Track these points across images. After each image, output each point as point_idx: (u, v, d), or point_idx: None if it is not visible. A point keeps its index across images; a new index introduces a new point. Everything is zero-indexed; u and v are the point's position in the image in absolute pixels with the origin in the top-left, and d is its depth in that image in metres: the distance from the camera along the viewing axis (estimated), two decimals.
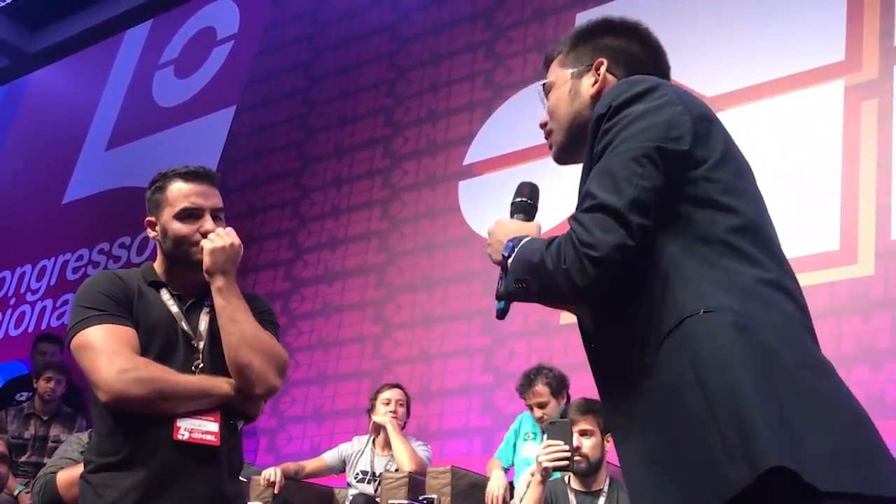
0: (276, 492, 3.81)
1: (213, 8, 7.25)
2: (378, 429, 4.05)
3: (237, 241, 1.87)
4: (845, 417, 1.10)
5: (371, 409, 4.13)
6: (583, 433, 2.97)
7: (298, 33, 6.54)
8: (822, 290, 3.64)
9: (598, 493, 2.97)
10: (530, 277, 1.26)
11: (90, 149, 7.43)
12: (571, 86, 1.44)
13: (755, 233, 1.24)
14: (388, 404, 4.06)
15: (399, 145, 5.54)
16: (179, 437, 1.75)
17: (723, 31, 4.40)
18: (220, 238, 1.85)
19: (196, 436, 1.76)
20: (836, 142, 3.93)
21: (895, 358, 3.48)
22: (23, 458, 4.86)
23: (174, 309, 1.88)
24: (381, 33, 6.02)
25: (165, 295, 1.90)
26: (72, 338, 1.82)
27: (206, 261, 1.83)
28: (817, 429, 1.06)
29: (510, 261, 1.31)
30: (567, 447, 2.78)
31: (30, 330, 6.82)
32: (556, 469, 2.81)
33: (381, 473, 3.86)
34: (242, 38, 6.90)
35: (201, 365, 1.84)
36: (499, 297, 1.39)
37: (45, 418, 4.96)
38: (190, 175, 1.94)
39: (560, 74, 1.47)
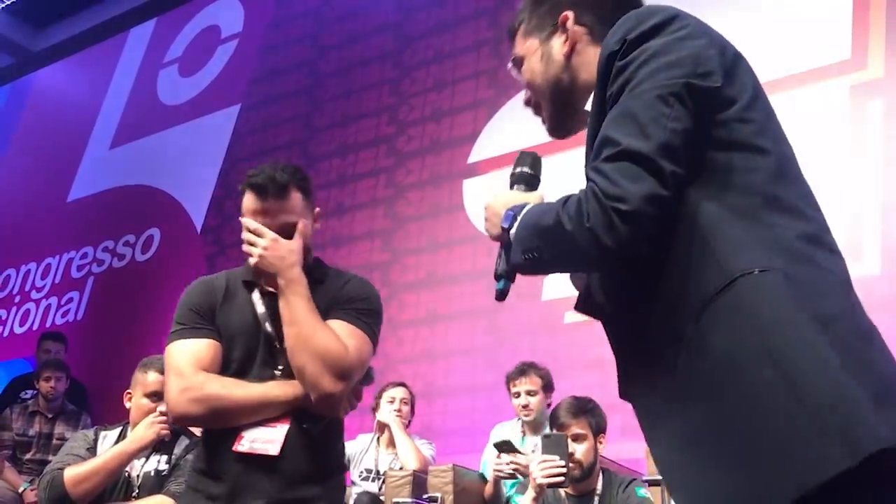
0: None
1: (218, 6, 7.26)
2: (382, 427, 4.05)
3: (267, 241, 1.79)
4: None
5: (375, 408, 4.13)
6: (575, 438, 2.88)
7: (303, 32, 6.54)
8: None
9: (591, 495, 2.92)
10: (542, 244, 1.10)
11: (95, 147, 7.45)
12: (542, 52, 1.29)
13: (792, 178, 1.11)
14: (392, 403, 4.06)
15: (403, 144, 5.53)
16: (239, 448, 1.75)
17: (727, 29, 4.37)
18: (255, 248, 1.79)
19: (257, 445, 1.75)
20: (841, 140, 3.92)
21: None
22: (27, 456, 4.87)
23: (261, 310, 1.84)
24: (385, 32, 6.02)
25: (256, 295, 1.86)
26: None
27: (256, 272, 1.83)
28: (886, 406, 0.95)
29: (513, 231, 1.16)
30: (563, 462, 2.70)
31: (34, 328, 6.84)
32: (550, 486, 2.75)
33: (385, 472, 3.86)
34: (247, 37, 6.91)
35: (282, 368, 1.80)
36: (498, 276, 1.24)
37: (50, 416, 4.97)
38: (256, 188, 1.83)
39: (527, 44, 1.32)
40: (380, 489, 3.87)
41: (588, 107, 1.24)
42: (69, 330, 6.28)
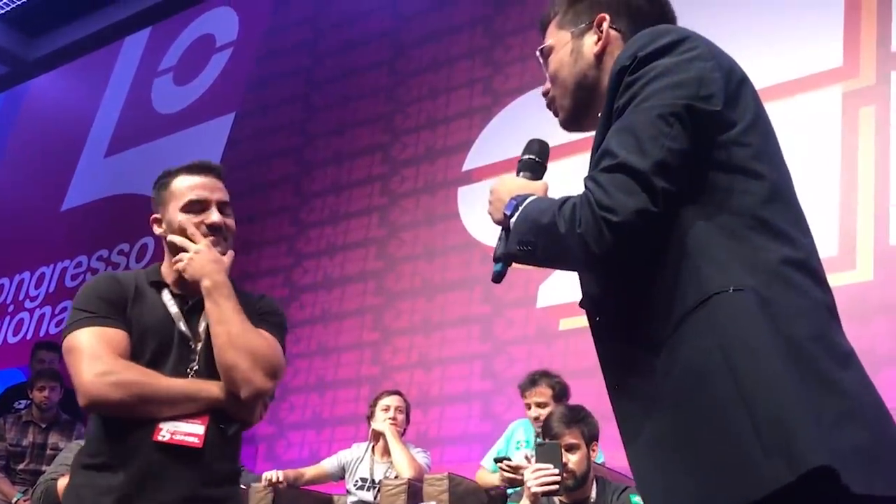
0: (281, 483, 3.83)
1: (213, 15, 7.27)
2: (377, 436, 4.04)
3: (202, 245, 1.82)
4: (870, 413, 1.04)
5: (370, 416, 4.12)
6: (568, 448, 2.88)
7: (298, 39, 6.55)
8: None
9: (585, 503, 2.94)
10: (536, 239, 1.16)
11: (89, 156, 7.44)
12: (573, 46, 1.33)
13: (785, 202, 1.14)
14: (387, 411, 4.06)
15: (398, 151, 5.54)
16: (160, 437, 1.70)
17: (719, 37, 4.39)
18: (187, 255, 1.81)
19: (178, 437, 1.71)
20: (834, 147, 3.94)
21: (894, 363, 3.48)
22: (21, 466, 4.84)
23: (173, 309, 1.83)
24: (381, 40, 6.03)
25: (167, 295, 1.85)
26: (62, 340, 1.80)
27: (185, 276, 1.80)
28: (845, 426, 1.00)
29: (513, 220, 1.21)
30: (556, 470, 2.72)
31: (28, 337, 6.82)
32: (545, 494, 2.77)
33: (380, 480, 3.86)
34: (242, 45, 6.91)
35: (196, 367, 1.78)
36: (496, 259, 1.28)
37: (44, 426, 4.95)
38: (195, 168, 1.90)
39: (559, 36, 1.36)
40: (375, 498, 3.87)
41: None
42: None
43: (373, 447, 4.10)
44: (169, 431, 1.70)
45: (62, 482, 2.48)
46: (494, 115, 5.19)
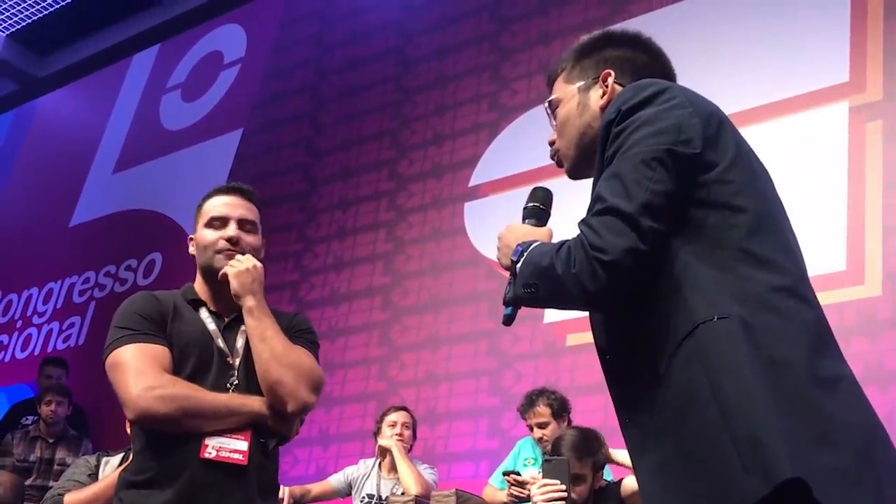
0: (288, 499, 3.82)
1: (221, 32, 7.32)
2: (384, 452, 4.03)
3: (258, 263, 1.90)
4: (853, 436, 1.08)
5: (377, 432, 4.11)
6: (575, 479, 2.86)
7: (305, 56, 6.59)
8: (830, 311, 3.58)
9: None
10: (538, 282, 1.24)
11: (98, 172, 7.48)
12: (579, 100, 1.43)
13: (771, 232, 1.22)
14: (393, 427, 4.05)
15: (405, 167, 5.56)
16: (206, 454, 1.73)
17: (726, 53, 4.42)
18: (240, 262, 1.88)
19: (223, 454, 1.74)
20: (841, 163, 3.93)
21: None
22: (28, 481, 4.84)
23: (211, 326, 1.88)
24: (387, 56, 6.06)
25: (204, 313, 1.91)
26: (105, 357, 1.83)
27: (233, 284, 1.86)
28: (825, 448, 1.05)
29: (519, 265, 1.29)
30: (564, 486, 2.72)
31: (36, 353, 6.83)
32: None
33: (387, 497, 3.84)
34: (249, 62, 6.96)
35: (236, 382, 1.83)
36: (506, 303, 1.36)
37: (51, 441, 4.95)
38: (224, 189, 2.00)
39: (566, 90, 1.46)
40: None
41: None
42: (70, 355, 6.27)
43: (379, 463, 4.08)
44: (215, 448, 1.75)
45: (69, 497, 2.47)
46: (501, 130, 5.20)
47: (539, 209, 1.45)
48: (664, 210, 1.17)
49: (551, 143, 1.48)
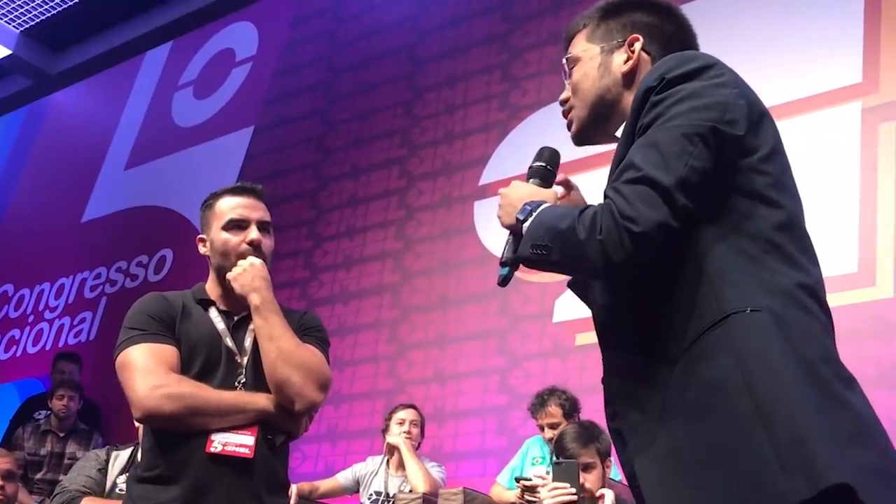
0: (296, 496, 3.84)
1: (233, 29, 7.34)
2: (392, 449, 4.04)
3: (256, 260, 1.90)
4: (880, 435, 1.07)
5: (385, 430, 4.12)
6: (585, 467, 2.85)
7: (316, 54, 6.60)
8: (841, 312, 3.58)
9: None
10: (552, 244, 1.17)
11: (109, 168, 7.51)
12: (601, 61, 1.34)
13: (797, 232, 1.18)
14: (402, 424, 4.05)
15: (415, 166, 5.56)
16: (212, 449, 1.75)
17: (739, 53, 4.40)
18: (240, 266, 1.89)
19: (229, 448, 1.76)
20: (853, 163, 3.91)
21: None
22: (38, 475, 4.88)
23: (220, 326, 1.90)
24: (398, 55, 6.07)
25: (213, 312, 1.93)
26: (115, 357, 1.85)
27: (235, 287, 1.87)
28: (859, 446, 1.02)
29: (526, 224, 1.22)
30: (573, 490, 2.71)
31: (47, 348, 6.87)
32: None
33: (394, 494, 3.85)
34: (261, 59, 6.98)
35: (244, 381, 1.84)
36: (504, 263, 1.30)
37: (62, 435, 4.98)
38: (237, 190, 2.00)
39: (587, 48, 1.36)
40: None
41: (618, 133, 1.29)
42: (81, 350, 6.30)
43: (388, 461, 4.09)
44: (220, 443, 1.76)
45: (88, 501, 2.48)
46: (511, 129, 5.20)
47: (546, 170, 1.38)
48: (700, 188, 1.11)
49: (563, 102, 1.40)
